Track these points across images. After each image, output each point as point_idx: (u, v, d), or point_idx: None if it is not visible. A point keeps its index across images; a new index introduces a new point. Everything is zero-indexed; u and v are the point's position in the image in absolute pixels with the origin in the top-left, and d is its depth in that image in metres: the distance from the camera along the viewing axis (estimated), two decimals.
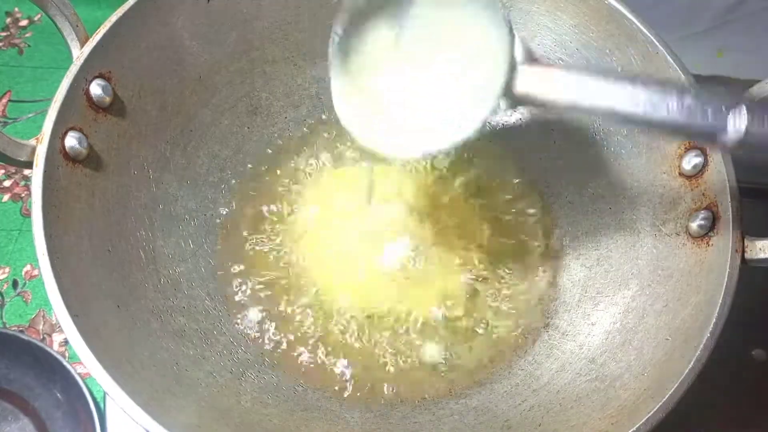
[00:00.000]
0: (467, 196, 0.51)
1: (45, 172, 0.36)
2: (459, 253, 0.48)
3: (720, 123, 0.29)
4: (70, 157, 0.38)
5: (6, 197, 0.63)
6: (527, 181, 0.52)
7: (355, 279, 0.47)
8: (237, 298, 0.46)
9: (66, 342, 0.56)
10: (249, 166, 0.51)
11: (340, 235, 0.48)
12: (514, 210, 0.51)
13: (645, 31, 0.44)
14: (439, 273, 0.47)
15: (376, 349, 0.45)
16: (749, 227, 0.37)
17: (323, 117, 0.54)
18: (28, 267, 0.60)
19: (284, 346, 0.45)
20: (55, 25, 0.41)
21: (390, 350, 0.45)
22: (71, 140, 0.38)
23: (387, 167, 0.52)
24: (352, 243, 0.48)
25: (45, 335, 0.56)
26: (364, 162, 0.51)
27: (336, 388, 0.43)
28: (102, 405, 0.49)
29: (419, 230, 0.48)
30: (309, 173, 0.52)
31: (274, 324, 0.45)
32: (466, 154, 0.53)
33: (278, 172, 0.52)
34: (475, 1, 0.34)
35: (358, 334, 0.45)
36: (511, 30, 0.33)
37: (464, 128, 0.35)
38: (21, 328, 0.56)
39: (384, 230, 0.48)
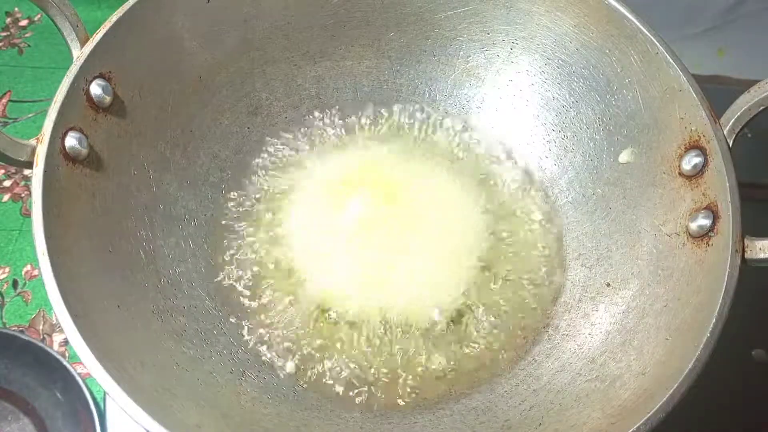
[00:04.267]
0: (466, 195, 0.51)
1: (45, 172, 0.36)
2: (458, 251, 0.48)
3: None
4: (70, 157, 0.38)
5: (6, 197, 0.63)
6: (528, 180, 0.52)
7: (352, 280, 0.46)
8: (237, 298, 0.46)
9: (66, 342, 0.56)
10: (248, 164, 0.51)
11: (339, 234, 0.48)
12: (513, 209, 0.51)
13: (645, 31, 0.44)
14: (438, 272, 0.47)
15: (376, 350, 0.45)
16: (749, 227, 0.37)
17: (323, 117, 0.54)
18: (28, 267, 0.60)
19: (283, 345, 0.45)
20: (55, 25, 0.41)
21: (389, 351, 0.45)
22: (71, 140, 0.38)
23: (384, 162, 0.52)
24: (350, 242, 0.48)
25: (45, 335, 0.56)
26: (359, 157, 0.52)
27: (336, 388, 0.43)
28: (102, 405, 0.49)
29: (417, 229, 0.48)
30: (307, 172, 0.52)
31: (272, 323, 0.45)
32: (466, 151, 0.54)
33: (277, 171, 0.52)
34: None
35: (358, 335, 0.45)
36: None
37: None
38: (21, 328, 0.56)
39: (382, 228, 0.48)
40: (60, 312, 0.33)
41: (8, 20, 0.76)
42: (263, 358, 0.44)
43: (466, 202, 0.51)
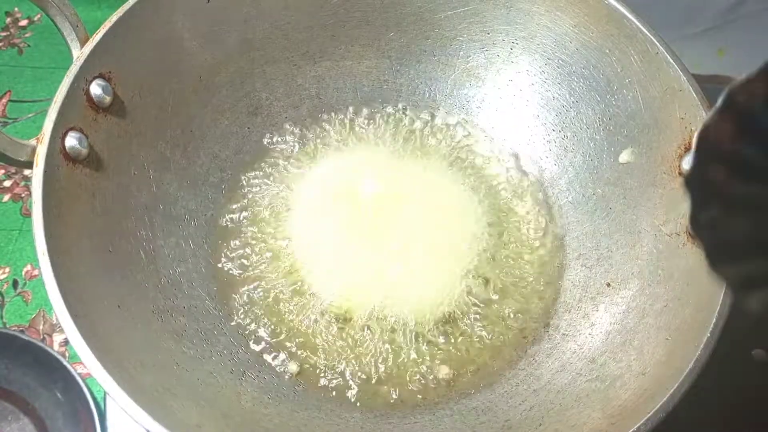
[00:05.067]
0: (466, 195, 0.51)
1: (45, 172, 0.36)
2: (457, 252, 0.48)
3: None
4: (71, 157, 0.38)
5: (6, 197, 0.63)
6: (527, 180, 0.52)
7: (352, 280, 0.46)
8: (237, 298, 0.46)
9: (66, 342, 0.56)
10: (248, 164, 0.51)
11: (338, 235, 0.48)
12: (513, 209, 0.51)
13: (645, 31, 0.44)
14: (437, 273, 0.47)
15: (375, 350, 0.45)
16: None
17: (322, 117, 0.54)
18: (28, 267, 0.60)
19: (283, 345, 0.45)
20: (55, 25, 0.41)
21: (389, 352, 0.45)
22: (71, 140, 0.38)
23: (384, 162, 0.52)
24: (350, 242, 0.48)
25: (45, 335, 0.56)
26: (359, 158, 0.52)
27: (336, 388, 0.43)
28: (102, 405, 0.49)
29: (417, 229, 0.48)
30: (307, 172, 0.52)
31: (272, 324, 0.45)
32: (466, 151, 0.54)
33: (277, 171, 0.52)
34: None
35: (357, 336, 0.45)
36: None
37: None
38: (21, 328, 0.56)
39: (381, 229, 0.48)
40: (60, 312, 0.33)
41: (8, 20, 0.76)
42: (264, 358, 0.44)
43: (465, 203, 0.51)
